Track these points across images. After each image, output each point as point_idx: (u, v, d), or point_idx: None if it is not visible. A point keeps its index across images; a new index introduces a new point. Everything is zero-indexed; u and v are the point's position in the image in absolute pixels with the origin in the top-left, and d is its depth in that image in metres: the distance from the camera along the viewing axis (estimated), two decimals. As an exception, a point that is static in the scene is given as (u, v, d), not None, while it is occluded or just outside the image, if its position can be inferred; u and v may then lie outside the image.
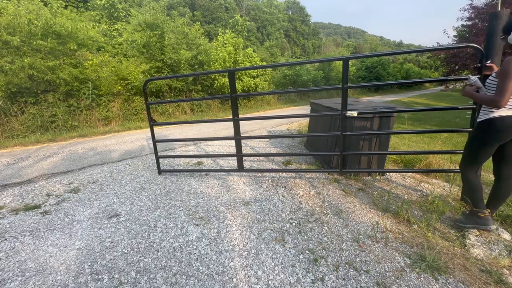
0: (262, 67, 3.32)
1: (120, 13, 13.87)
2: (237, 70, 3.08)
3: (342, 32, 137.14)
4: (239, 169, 3.23)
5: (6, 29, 6.51)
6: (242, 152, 3.20)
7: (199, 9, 36.45)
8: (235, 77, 12.78)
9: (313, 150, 4.34)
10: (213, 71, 3.88)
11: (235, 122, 3.07)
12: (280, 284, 1.62)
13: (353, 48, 48.82)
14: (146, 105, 3.26)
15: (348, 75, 2.56)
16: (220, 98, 11.86)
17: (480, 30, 10.05)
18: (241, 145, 3.18)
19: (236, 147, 3.17)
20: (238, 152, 3.17)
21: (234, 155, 3.26)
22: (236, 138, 3.13)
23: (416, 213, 2.43)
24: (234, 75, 2.90)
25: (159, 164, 3.50)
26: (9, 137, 6.41)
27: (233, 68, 2.91)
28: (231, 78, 2.91)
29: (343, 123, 2.74)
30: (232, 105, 3.03)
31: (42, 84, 7.08)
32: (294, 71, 16.54)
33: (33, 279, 1.66)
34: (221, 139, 3.54)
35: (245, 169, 3.29)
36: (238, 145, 3.15)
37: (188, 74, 4.50)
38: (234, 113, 3.02)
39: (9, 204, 2.73)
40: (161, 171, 3.53)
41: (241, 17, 17.49)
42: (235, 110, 3.03)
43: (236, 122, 3.08)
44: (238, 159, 3.21)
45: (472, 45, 2.24)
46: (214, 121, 3.27)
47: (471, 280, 1.64)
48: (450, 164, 3.56)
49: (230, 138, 3.22)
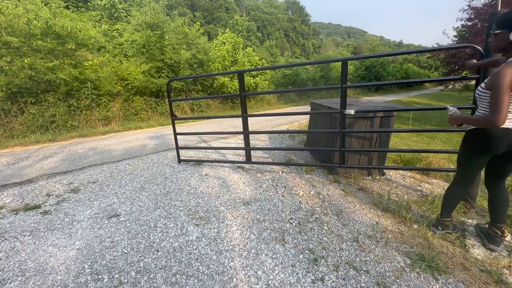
0: (268, 68, 3.66)
1: (121, 13, 13.88)
2: (246, 71, 3.30)
3: (342, 32, 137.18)
4: (247, 161, 3.58)
5: (6, 29, 6.51)
6: (250, 145, 3.51)
7: (199, 9, 36.48)
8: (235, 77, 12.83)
9: (313, 150, 4.34)
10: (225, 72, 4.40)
11: (244, 118, 3.37)
12: (280, 284, 1.62)
13: (353, 48, 48.84)
14: (169, 102, 3.69)
15: (347, 75, 2.58)
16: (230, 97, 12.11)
17: (479, 30, 10.06)
18: (249, 139, 3.48)
19: (244, 141, 3.49)
20: (247, 145, 3.49)
21: (242, 148, 3.58)
22: (245, 133, 3.45)
23: (416, 213, 2.43)
24: (243, 76, 3.18)
25: (179, 154, 3.97)
26: (9, 137, 6.40)
27: (242, 70, 3.13)
28: (240, 78, 3.20)
29: (342, 121, 2.81)
30: (241, 103, 3.31)
31: (42, 84, 7.08)
32: (293, 70, 16.57)
33: (33, 279, 1.66)
34: (231, 133, 3.87)
35: (252, 161, 3.64)
36: (247, 139, 3.46)
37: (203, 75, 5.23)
38: (243, 110, 3.30)
39: (9, 204, 2.72)
40: (181, 160, 4.00)
41: (240, 17, 17.50)
42: (244, 108, 3.30)
43: (245, 119, 3.38)
44: (246, 152, 3.53)
45: (470, 45, 2.24)
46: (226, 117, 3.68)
47: (471, 280, 1.64)
48: (450, 164, 3.56)
49: (239, 132, 3.50)
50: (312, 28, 57.09)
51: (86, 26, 8.24)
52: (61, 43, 7.32)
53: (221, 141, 5.54)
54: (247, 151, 3.51)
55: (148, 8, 11.83)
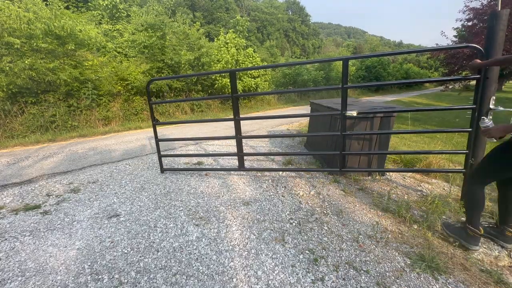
0: (263, 67, 3.37)
1: (122, 14, 13.88)
2: (238, 70, 3.07)
3: (342, 32, 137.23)
4: (240, 168, 3.25)
5: (6, 30, 6.51)
6: (243, 151, 3.22)
7: (199, 9, 36.50)
8: (236, 78, 12.80)
9: (312, 150, 4.34)
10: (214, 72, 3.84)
11: (236, 121, 3.09)
12: (280, 284, 1.62)
13: (353, 48, 48.87)
14: (149, 105, 3.29)
15: (348, 75, 2.55)
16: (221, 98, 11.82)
17: (479, 30, 10.07)
18: (242, 145, 3.19)
19: (237, 147, 3.18)
20: (239, 151, 3.19)
21: (235, 154, 3.26)
22: (237, 138, 3.14)
23: (416, 213, 2.43)
24: (236, 76, 2.87)
25: (161, 162, 3.54)
26: (9, 137, 6.41)
27: (234, 69, 2.90)
28: (232, 78, 2.93)
29: (343, 123, 2.72)
30: (234, 105, 3.04)
31: (42, 84, 7.08)
32: (294, 70, 16.53)
33: (33, 279, 1.66)
34: (222, 138, 3.52)
35: (245, 168, 3.30)
36: (239, 145, 3.17)
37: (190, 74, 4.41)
38: (235, 112, 3.05)
39: (9, 204, 2.72)
40: (164, 169, 3.57)
41: (242, 18, 17.49)
42: (236, 110, 3.04)
43: (237, 122, 3.10)
44: (239, 158, 3.23)
45: (472, 45, 2.24)
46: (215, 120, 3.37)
47: (471, 280, 1.64)
48: (450, 164, 3.56)
49: (231, 137, 3.23)
50: (312, 28, 57.15)
51: (86, 28, 8.24)
52: (61, 43, 7.33)
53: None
54: (240, 157, 3.23)
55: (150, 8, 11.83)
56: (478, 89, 2.24)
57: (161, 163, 3.56)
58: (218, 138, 3.55)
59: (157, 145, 3.50)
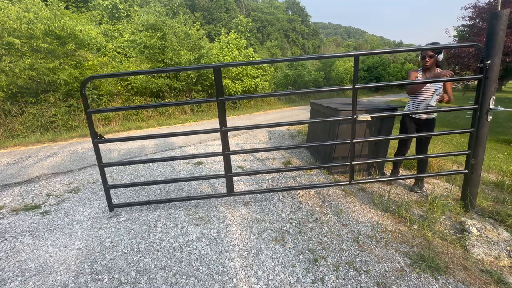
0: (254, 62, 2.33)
1: (122, 14, 13.90)
2: (223, 66, 2.21)
3: (342, 32, 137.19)
4: (229, 192, 2.49)
5: (7, 30, 6.52)
6: (231, 171, 2.47)
7: (199, 9, 36.51)
8: (222, 74, 12.59)
9: (312, 150, 4.34)
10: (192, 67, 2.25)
11: (223, 133, 2.30)
12: (280, 284, 1.62)
13: (354, 48, 48.84)
14: (87, 115, 2.25)
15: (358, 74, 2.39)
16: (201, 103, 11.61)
17: (480, 29, 10.06)
18: (230, 163, 2.45)
19: (224, 166, 2.42)
20: (227, 171, 2.43)
21: (222, 175, 2.44)
22: (225, 154, 2.38)
23: (416, 213, 2.42)
24: (221, 72, 2.16)
25: (110, 197, 2.47)
26: (9, 137, 6.42)
27: (218, 64, 2.21)
28: (217, 75, 2.15)
29: (353, 129, 2.35)
30: (219, 112, 2.26)
31: (42, 84, 7.10)
32: (296, 71, 16.48)
33: (33, 279, 1.66)
34: (204, 156, 2.44)
35: (236, 192, 2.56)
36: (227, 162, 2.41)
37: (144, 71, 2.37)
38: (221, 121, 2.27)
39: (9, 204, 2.73)
40: (113, 206, 2.52)
41: (244, 18, 17.45)
42: (223, 118, 2.27)
43: (224, 134, 2.30)
44: (227, 180, 2.46)
45: (475, 44, 2.23)
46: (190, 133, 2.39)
47: (471, 280, 1.64)
48: (450, 164, 3.56)
49: (218, 154, 2.43)
50: (312, 28, 57.16)
51: (86, 28, 8.25)
52: (61, 43, 7.34)
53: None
54: (228, 178, 2.45)
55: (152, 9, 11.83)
56: (480, 89, 2.24)
57: (110, 198, 2.48)
58: (200, 155, 2.41)
59: (101, 173, 2.41)
